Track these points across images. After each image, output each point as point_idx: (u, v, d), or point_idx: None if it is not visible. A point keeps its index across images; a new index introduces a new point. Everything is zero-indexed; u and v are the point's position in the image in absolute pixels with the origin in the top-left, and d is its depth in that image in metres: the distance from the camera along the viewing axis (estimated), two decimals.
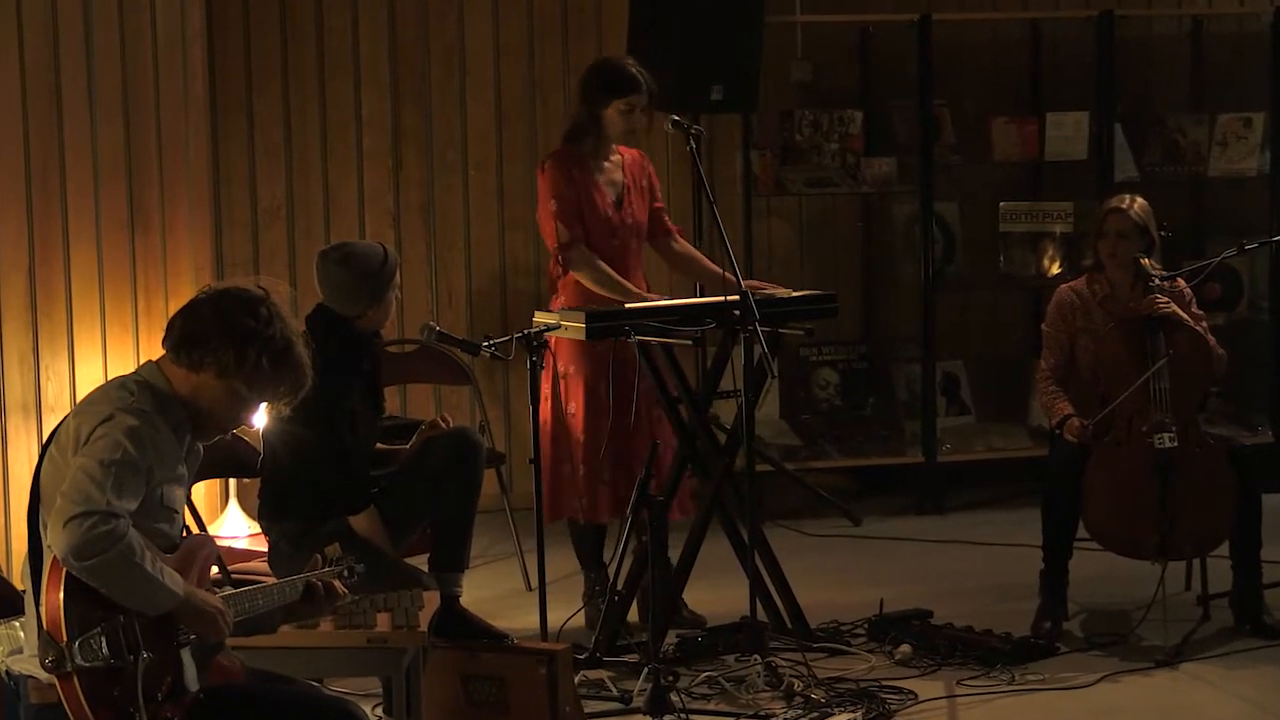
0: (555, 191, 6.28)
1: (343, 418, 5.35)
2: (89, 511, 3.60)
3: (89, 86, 6.62)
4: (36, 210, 6.43)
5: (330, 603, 4.16)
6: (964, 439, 8.59)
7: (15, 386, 6.32)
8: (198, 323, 3.91)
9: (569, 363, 6.32)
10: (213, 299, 3.94)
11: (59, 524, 3.61)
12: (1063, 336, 6.36)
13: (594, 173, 6.33)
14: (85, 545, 3.58)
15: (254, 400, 3.97)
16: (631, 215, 6.38)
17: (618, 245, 6.33)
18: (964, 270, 8.74)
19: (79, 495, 3.62)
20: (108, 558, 3.59)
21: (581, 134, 6.32)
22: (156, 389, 3.90)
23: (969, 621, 6.20)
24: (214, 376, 3.89)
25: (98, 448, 3.71)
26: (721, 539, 6.30)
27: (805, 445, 8.45)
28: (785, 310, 6.17)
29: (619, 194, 6.37)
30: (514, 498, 7.48)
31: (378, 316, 5.55)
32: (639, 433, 6.28)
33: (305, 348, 3.98)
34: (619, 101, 6.23)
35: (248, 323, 3.89)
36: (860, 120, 8.50)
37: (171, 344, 3.93)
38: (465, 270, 8.42)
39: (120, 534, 3.60)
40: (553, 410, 6.34)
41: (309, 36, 8.20)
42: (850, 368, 8.74)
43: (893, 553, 7.58)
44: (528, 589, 6.97)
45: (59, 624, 3.60)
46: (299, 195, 8.23)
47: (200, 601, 3.78)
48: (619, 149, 6.41)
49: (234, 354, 3.87)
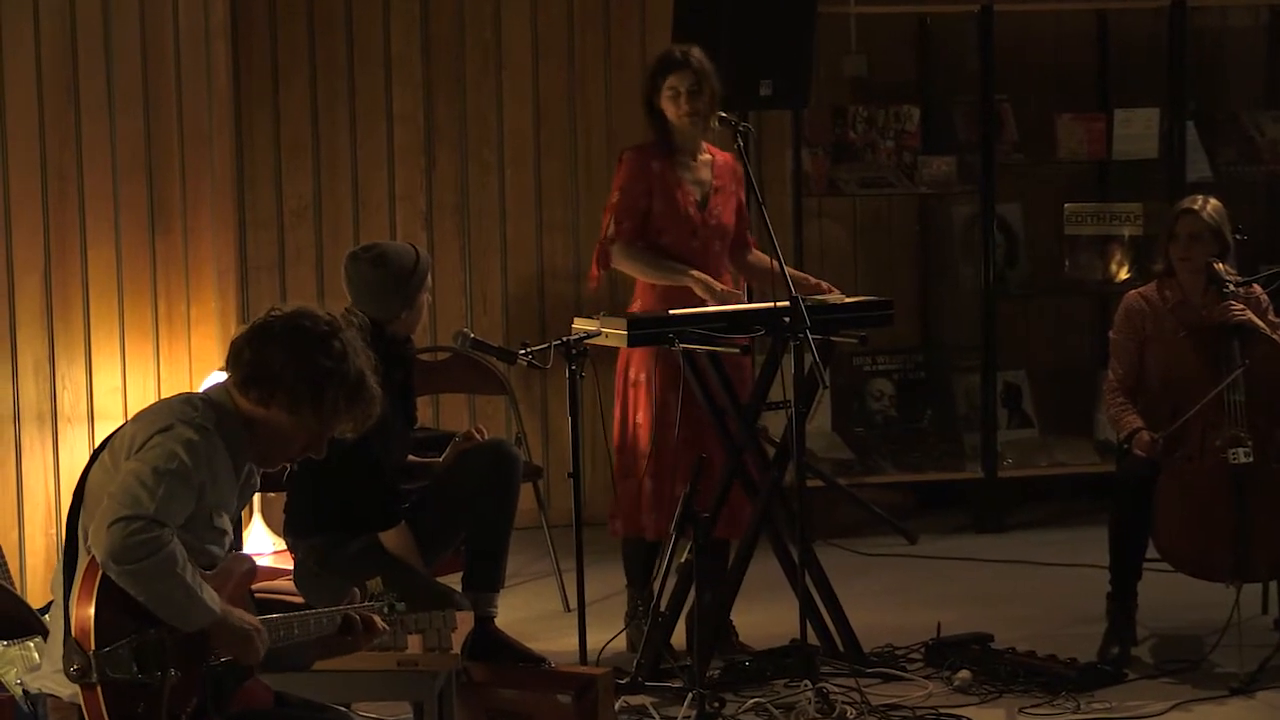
0: (620, 183, 6.32)
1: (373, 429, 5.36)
2: (135, 516, 3.65)
3: (108, 81, 6.65)
4: (52, 210, 6.46)
5: (368, 639, 4.17)
6: (1026, 453, 8.56)
7: (30, 395, 6.35)
8: (269, 359, 3.94)
9: (639, 370, 6.31)
10: (284, 332, 3.96)
11: (103, 525, 3.66)
12: (1131, 345, 6.34)
13: (678, 169, 6.33)
14: (127, 550, 3.63)
15: (325, 434, 4.02)
16: (716, 217, 6.38)
17: (698, 246, 6.33)
18: (1027, 275, 8.71)
19: (127, 498, 3.68)
20: (148, 564, 3.64)
21: (656, 132, 6.33)
22: (223, 410, 3.94)
23: (1031, 646, 6.18)
24: (284, 414, 3.94)
25: (153, 454, 3.76)
26: (770, 558, 6.29)
27: (858, 459, 8.44)
28: (838, 317, 6.16)
29: (705, 194, 6.38)
30: (552, 514, 7.49)
31: (409, 321, 5.57)
32: (715, 446, 6.23)
33: (375, 375, 4.02)
34: (664, 86, 6.24)
35: (324, 363, 3.94)
36: (917, 117, 8.48)
37: (240, 378, 3.96)
38: (501, 274, 8.43)
39: (164, 542, 3.66)
40: (620, 420, 6.35)
41: (338, 28, 8.23)
42: (906, 378, 8.72)
43: (951, 573, 7.57)
44: (566, 610, 6.97)
45: (88, 632, 3.64)
46: (327, 194, 8.26)
47: (237, 621, 3.81)
48: (709, 149, 6.42)
49: (309, 394, 3.93)
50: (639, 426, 6.31)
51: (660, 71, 6.27)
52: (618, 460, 6.34)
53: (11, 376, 6.26)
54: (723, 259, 6.44)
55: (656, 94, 6.27)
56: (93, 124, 6.58)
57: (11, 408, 6.25)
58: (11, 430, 6.24)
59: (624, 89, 8.44)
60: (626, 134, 8.32)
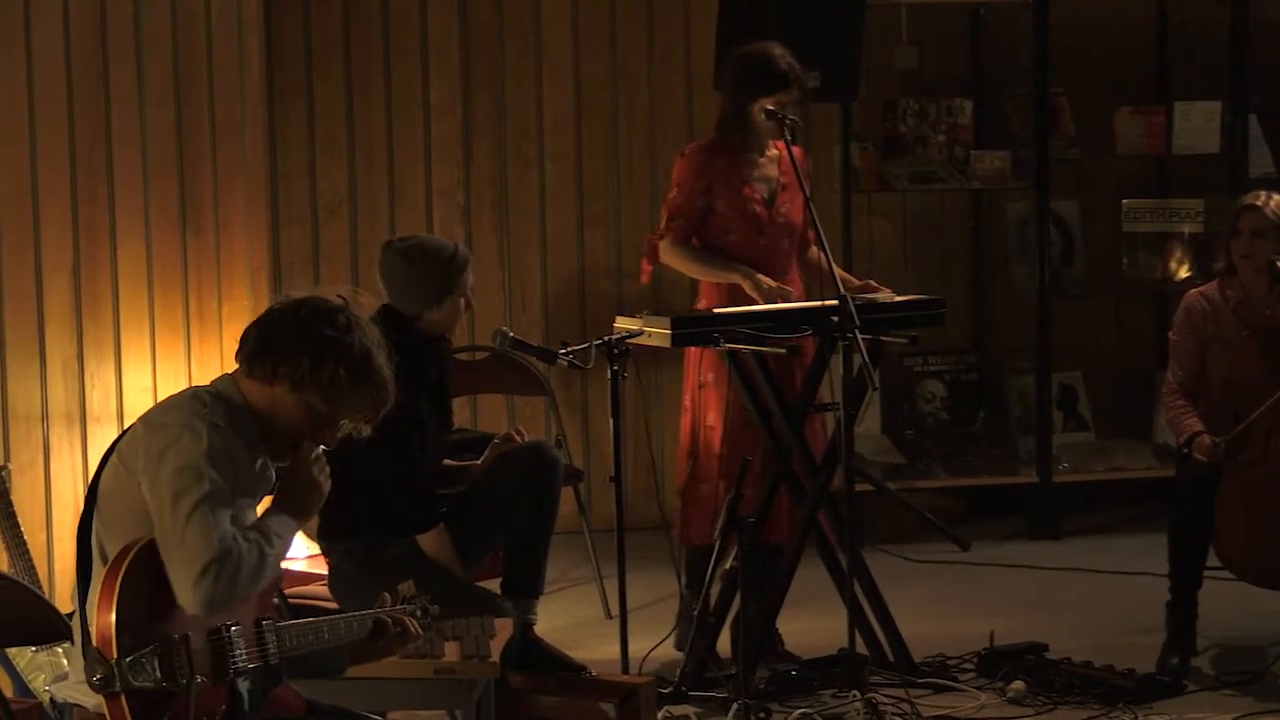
0: (679, 180, 6.33)
1: (407, 430, 5.37)
2: (208, 563, 3.70)
3: (138, 71, 6.67)
4: (81, 205, 6.48)
5: (401, 643, 4.17)
6: (1082, 457, 8.54)
7: (58, 395, 6.37)
8: (271, 332, 3.96)
9: (709, 371, 6.31)
10: (287, 307, 4.00)
11: (187, 589, 3.69)
12: (1192, 346, 6.32)
13: (744, 167, 6.33)
14: (219, 597, 3.71)
15: (332, 417, 3.99)
16: (784, 214, 6.38)
17: (765, 245, 6.33)
18: (1083, 274, 8.70)
19: (189, 553, 3.71)
20: (240, 586, 3.74)
21: (730, 129, 6.31)
22: (231, 402, 3.95)
23: (1088, 656, 6.17)
24: (289, 389, 3.94)
25: (183, 481, 3.77)
26: (818, 565, 6.29)
27: (909, 463, 8.43)
28: (888, 316, 6.15)
29: (772, 190, 6.37)
30: (593, 518, 7.50)
31: (443, 319, 5.56)
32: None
33: (388, 361, 4.01)
34: (766, 100, 6.21)
35: (324, 331, 3.93)
36: (970, 110, 8.47)
37: (245, 356, 3.98)
38: (541, 271, 8.44)
39: (238, 558, 3.73)
40: (690, 424, 6.34)
41: (373, 18, 8.24)
42: (958, 379, 8.71)
43: (1004, 581, 7.55)
44: (607, 617, 6.98)
45: (110, 641, 3.64)
46: (362, 189, 8.28)
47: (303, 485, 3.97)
48: (777, 144, 6.41)
49: (309, 364, 3.92)
50: (710, 429, 6.30)
51: (763, 85, 6.20)
52: (688, 465, 6.33)
53: (40, 376, 6.29)
54: (791, 257, 6.43)
55: (751, 100, 6.23)
56: (123, 117, 6.60)
57: (40, 407, 6.27)
58: (40, 430, 6.26)
59: (668, 80, 8.46)
60: (670, 126, 8.34)
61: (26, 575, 5.48)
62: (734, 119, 6.29)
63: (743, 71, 6.27)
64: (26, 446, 6.25)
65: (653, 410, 7.81)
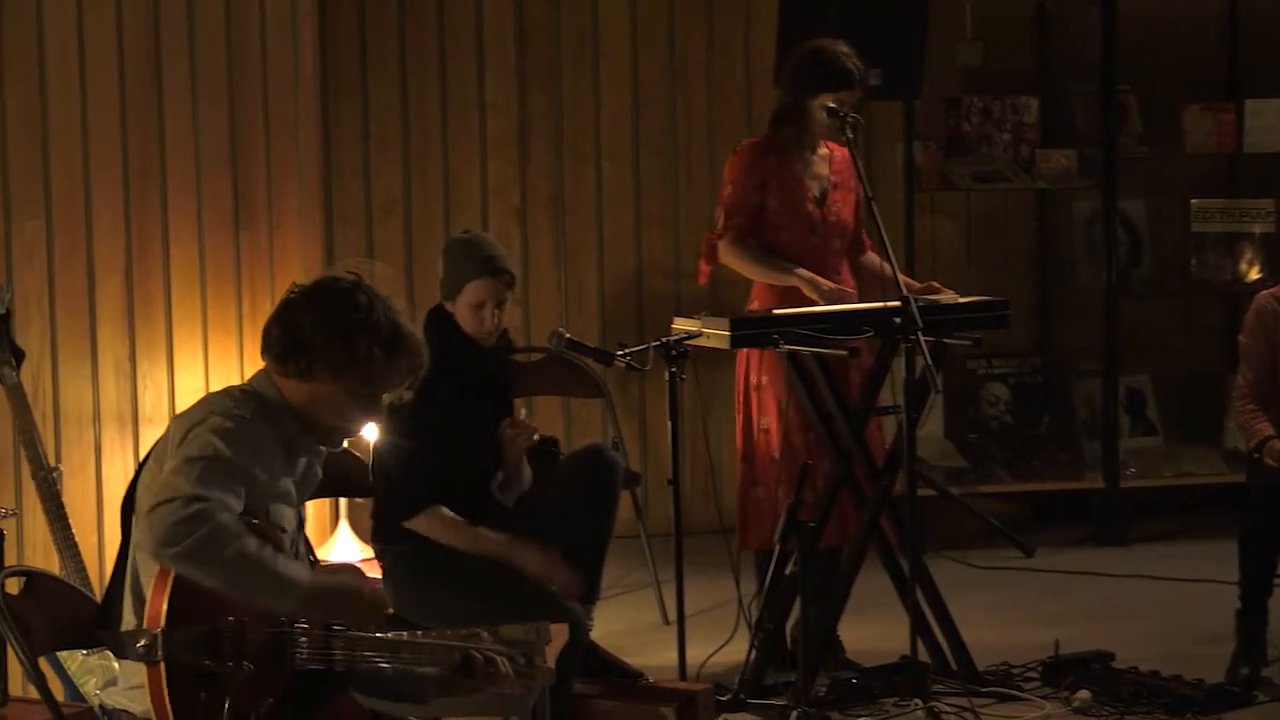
0: (732, 177, 6.33)
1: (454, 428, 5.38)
2: (172, 498, 3.64)
3: (191, 70, 6.71)
4: (134, 205, 6.52)
5: (489, 683, 4.02)
6: (1150, 462, 8.51)
7: (110, 396, 6.41)
8: (297, 328, 3.95)
9: (762, 373, 6.31)
10: (305, 298, 3.98)
11: (143, 517, 3.67)
12: (1262, 348, 6.29)
13: (796, 164, 6.34)
14: (173, 530, 3.61)
15: (376, 394, 3.99)
16: (835, 214, 6.38)
17: (817, 244, 6.34)
18: (1151, 275, 8.67)
19: (165, 489, 3.68)
20: (200, 538, 3.60)
21: (784, 123, 6.32)
22: (264, 398, 3.95)
23: (1155, 666, 6.14)
24: (328, 381, 3.93)
25: (187, 447, 3.77)
26: (879, 571, 6.28)
27: (972, 468, 8.41)
28: (951, 318, 6.14)
29: (823, 189, 6.38)
30: (650, 522, 7.50)
31: (462, 318, 5.51)
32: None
33: (410, 322, 4.00)
34: (826, 96, 6.21)
35: (350, 315, 3.92)
36: (1036, 108, 8.45)
37: (274, 356, 3.97)
38: (597, 271, 8.45)
39: (209, 514, 3.62)
40: (744, 426, 6.35)
41: (428, 14, 8.27)
42: (1023, 382, 8.69)
43: (1070, 588, 7.53)
44: (665, 623, 6.98)
45: (159, 615, 3.62)
46: (416, 188, 8.30)
47: (336, 584, 3.77)
48: (827, 143, 6.41)
49: (343, 352, 3.91)
50: (766, 433, 6.30)
51: (824, 82, 6.20)
52: (744, 469, 6.33)
53: (92, 377, 6.32)
54: (842, 257, 6.43)
55: (810, 96, 6.23)
56: (175, 116, 6.63)
57: (92, 409, 6.31)
58: (91, 432, 6.30)
59: (727, 76, 8.46)
60: (729, 124, 8.34)
61: (78, 578, 5.51)
62: (791, 113, 6.29)
63: (807, 66, 6.27)
64: (78, 448, 6.29)
65: (711, 412, 7.80)
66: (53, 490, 5.59)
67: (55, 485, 5.61)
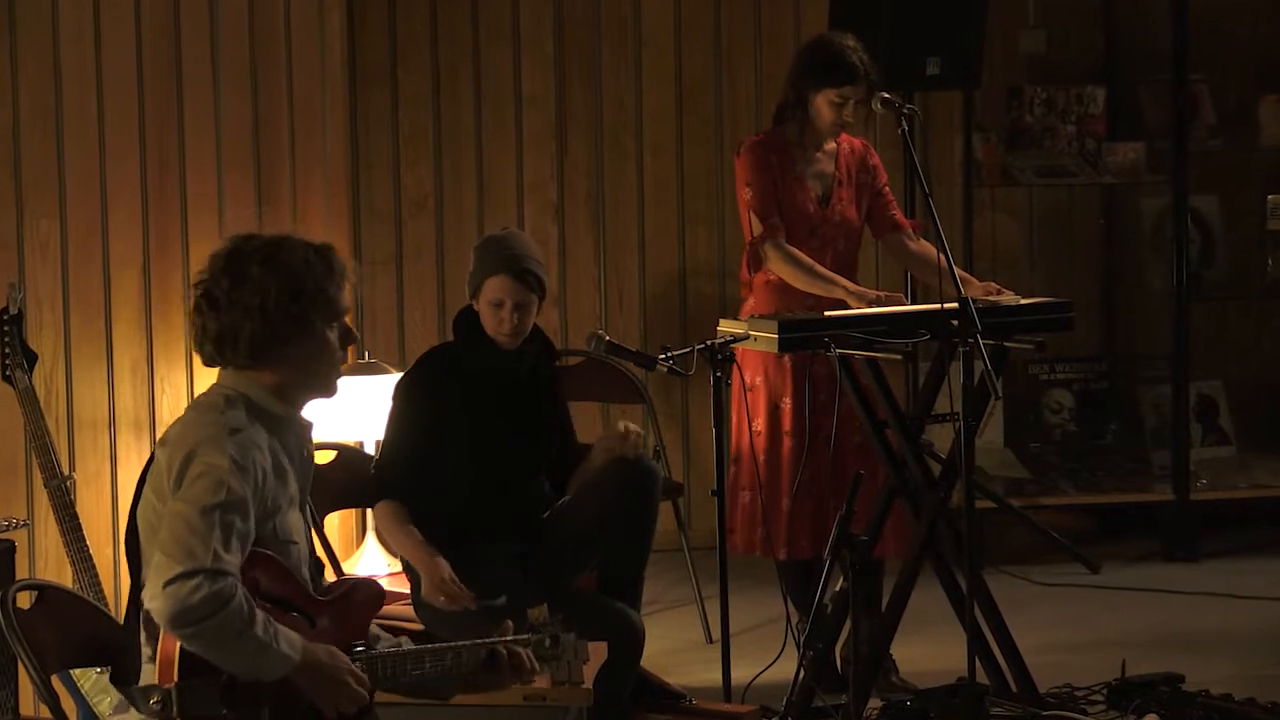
0: (748, 178, 6.31)
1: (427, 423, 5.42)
2: (191, 571, 3.64)
3: (213, 57, 6.72)
4: (152, 198, 6.54)
5: (516, 678, 4.10)
6: (1223, 473, 8.48)
7: (126, 399, 6.43)
8: (230, 325, 3.91)
9: (756, 374, 6.32)
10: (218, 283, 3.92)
11: (158, 585, 3.66)
12: None
13: (798, 162, 6.33)
14: (188, 612, 3.63)
15: (333, 321, 3.98)
16: (839, 213, 6.37)
17: (818, 245, 6.33)
18: (1224, 275, 8.65)
19: (179, 551, 3.67)
20: (213, 623, 3.64)
21: (787, 118, 6.32)
22: (249, 398, 3.94)
23: (1227, 688, 6.12)
24: (303, 340, 3.92)
25: (197, 489, 3.75)
26: (935, 587, 6.26)
27: (1034, 478, 8.40)
28: (1012, 321, 6.11)
29: (826, 188, 6.37)
30: (693, 535, 7.49)
31: (485, 315, 5.53)
32: (840, 459, 6.24)
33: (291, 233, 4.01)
34: (830, 91, 6.21)
35: (253, 273, 3.89)
36: (1102, 99, 8.44)
37: (237, 364, 3.94)
38: (639, 271, 8.45)
39: (228, 596, 3.65)
40: (737, 427, 6.35)
41: (462, 2, 8.27)
42: (1088, 388, 8.67)
43: (1137, 606, 7.51)
44: (708, 641, 6.97)
45: (171, 664, 3.64)
46: (449, 184, 8.30)
47: (327, 667, 3.80)
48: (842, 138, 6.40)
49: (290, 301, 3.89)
50: (757, 435, 6.31)
51: (827, 76, 6.20)
52: (733, 471, 6.34)
53: (108, 379, 6.35)
54: (848, 258, 6.42)
55: (814, 91, 6.24)
56: (196, 106, 6.65)
57: (107, 413, 6.33)
58: (107, 437, 6.32)
59: (775, 70, 8.40)
60: None
61: (92, 591, 5.52)
62: (794, 108, 6.29)
63: (809, 59, 6.28)
64: (93, 455, 6.31)
65: None
66: (66, 499, 5.60)
67: (69, 494, 5.63)
